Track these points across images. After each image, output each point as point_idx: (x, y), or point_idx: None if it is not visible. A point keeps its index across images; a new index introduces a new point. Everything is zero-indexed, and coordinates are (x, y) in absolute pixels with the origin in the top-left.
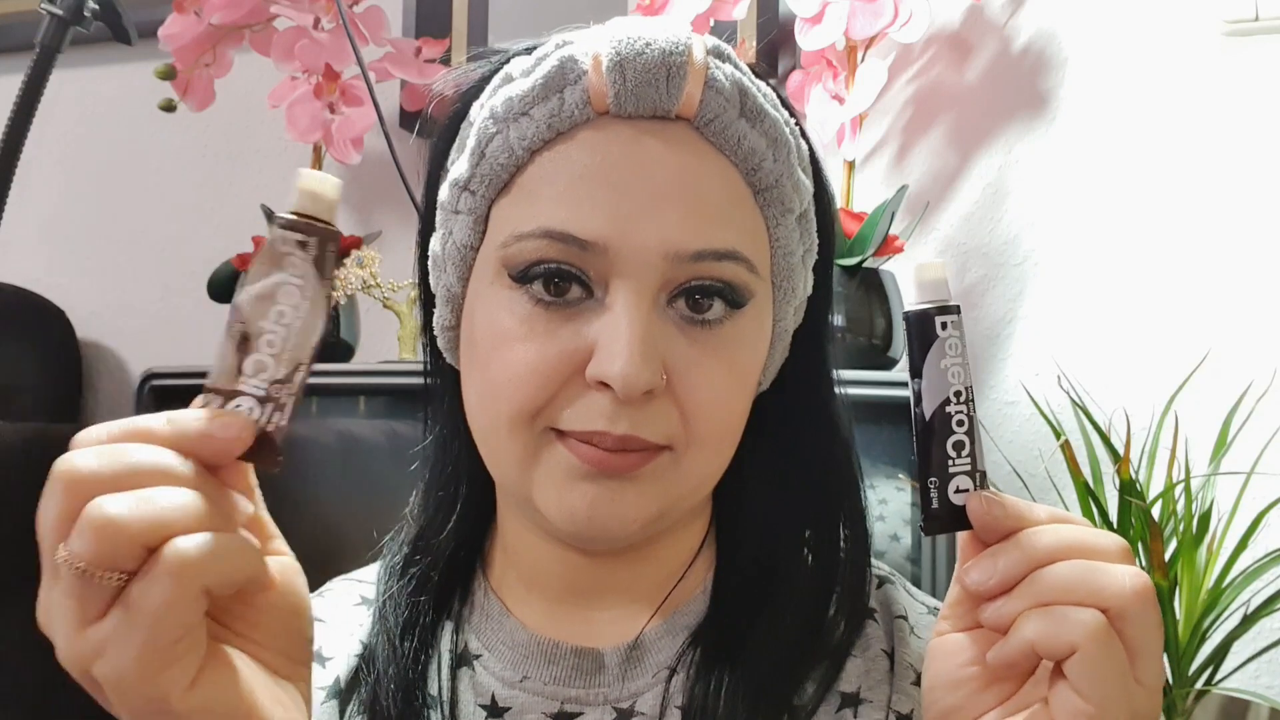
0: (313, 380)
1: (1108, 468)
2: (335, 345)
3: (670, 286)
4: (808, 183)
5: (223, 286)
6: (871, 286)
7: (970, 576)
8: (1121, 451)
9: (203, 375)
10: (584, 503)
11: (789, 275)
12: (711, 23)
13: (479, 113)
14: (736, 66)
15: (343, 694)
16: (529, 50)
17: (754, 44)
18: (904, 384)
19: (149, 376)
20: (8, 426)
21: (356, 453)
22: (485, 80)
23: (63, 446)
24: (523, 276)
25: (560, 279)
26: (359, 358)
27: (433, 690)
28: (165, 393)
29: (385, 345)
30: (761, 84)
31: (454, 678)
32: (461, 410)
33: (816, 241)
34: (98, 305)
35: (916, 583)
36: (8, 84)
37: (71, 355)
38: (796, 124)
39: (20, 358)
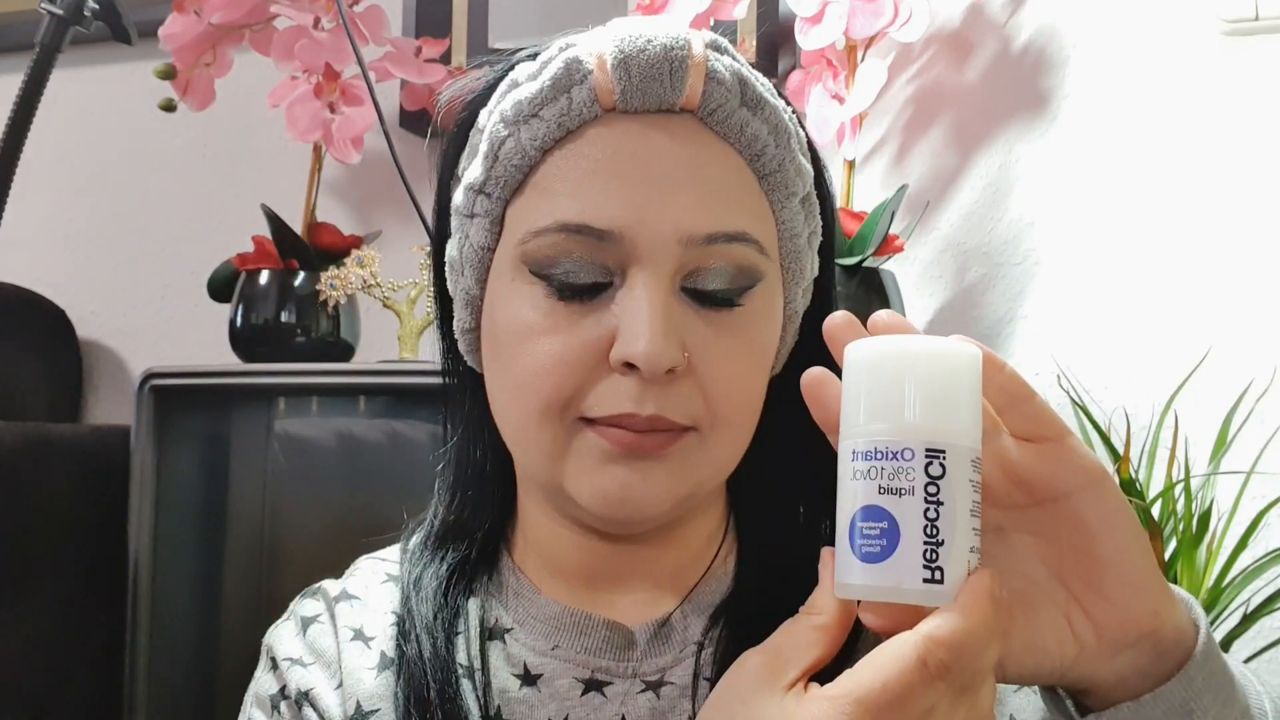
0: (313, 380)
1: (1108, 467)
2: (335, 345)
3: (685, 270)
4: (808, 167)
5: (223, 286)
6: (871, 286)
7: None
8: (1121, 451)
9: (203, 375)
10: (616, 485)
11: (796, 257)
12: (711, 22)
13: (488, 118)
14: (735, 59)
15: (394, 664)
16: (533, 56)
17: (754, 43)
18: None
19: (149, 376)
20: (8, 426)
21: (356, 453)
22: (491, 88)
23: (63, 446)
24: (541, 270)
25: (579, 270)
26: (359, 357)
27: (463, 661)
28: (165, 392)
29: (385, 345)
30: (760, 74)
31: (485, 650)
32: (483, 410)
33: (820, 224)
34: (98, 305)
35: None
36: (8, 84)
37: (71, 355)
38: (794, 112)
39: (20, 358)
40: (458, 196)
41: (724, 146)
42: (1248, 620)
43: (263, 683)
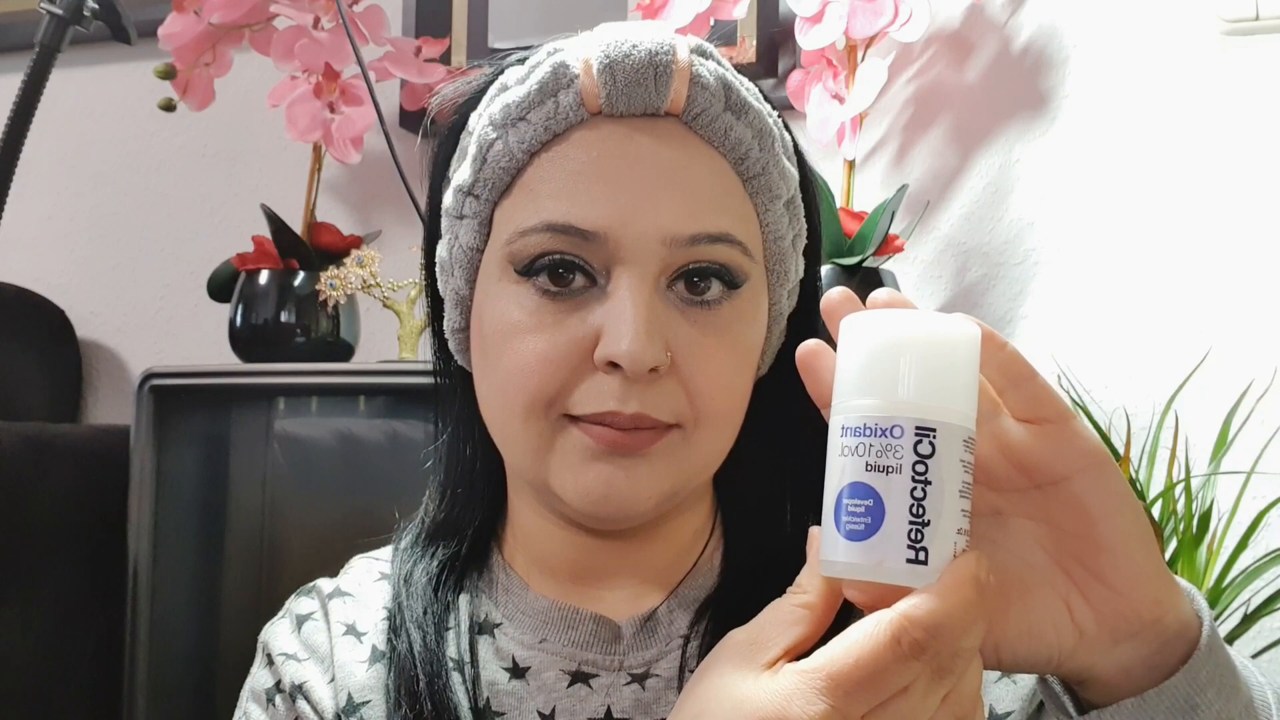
0: (313, 380)
1: None
2: (335, 345)
3: (669, 270)
4: (793, 170)
5: (223, 286)
6: (871, 285)
7: None
8: (1122, 451)
9: (202, 375)
10: (599, 482)
11: (781, 259)
12: (712, 22)
13: (478, 121)
14: (719, 63)
15: (384, 658)
16: (521, 60)
17: (754, 43)
18: None
19: (149, 376)
20: (8, 426)
21: (356, 453)
22: (481, 91)
23: (63, 446)
24: (528, 270)
25: (564, 269)
26: (359, 357)
27: (454, 655)
28: (165, 392)
29: (385, 345)
30: (744, 79)
31: (474, 644)
32: (472, 409)
33: (805, 226)
34: (98, 305)
35: None
36: (8, 84)
37: (71, 355)
38: (779, 117)
39: (20, 358)
40: (447, 198)
41: (708, 150)
42: (1248, 620)
43: (259, 678)
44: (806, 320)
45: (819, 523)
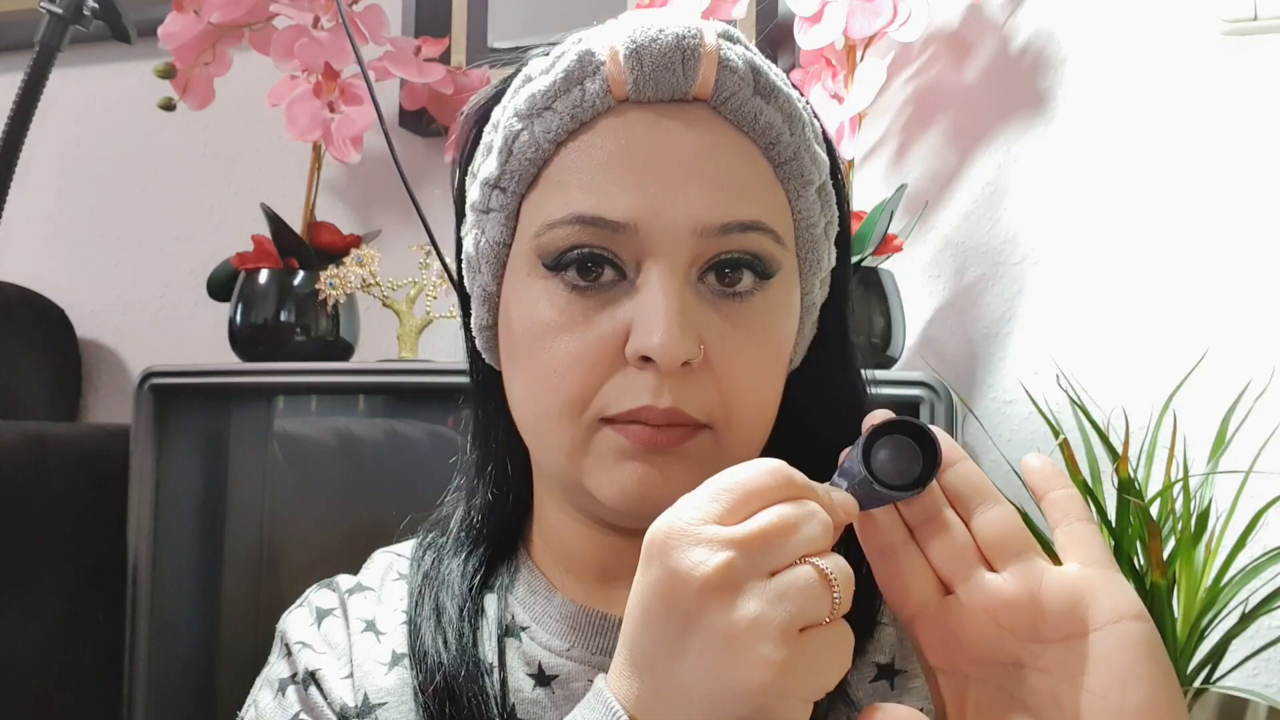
0: (313, 379)
1: (1106, 467)
2: (334, 344)
3: (700, 261)
4: (824, 156)
5: (223, 286)
6: (870, 285)
7: None
8: (1120, 450)
9: (202, 374)
10: (634, 480)
11: (813, 247)
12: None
13: (502, 114)
14: (747, 48)
15: (406, 660)
16: (545, 52)
17: (753, 43)
18: (904, 382)
19: (149, 376)
20: (7, 426)
21: (356, 452)
22: (506, 84)
23: (63, 446)
24: (556, 264)
25: (593, 263)
26: (358, 357)
27: (481, 657)
28: (165, 392)
29: (385, 344)
30: (772, 64)
31: (502, 647)
32: (499, 406)
33: (836, 214)
34: (98, 305)
35: None
36: (8, 83)
37: (71, 355)
38: (808, 102)
39: (20, 358)
40: (474, 193)
41: (738, 135)
42: (1246, 619)
43: (275, 668)
44: (836, 309)
45: None
